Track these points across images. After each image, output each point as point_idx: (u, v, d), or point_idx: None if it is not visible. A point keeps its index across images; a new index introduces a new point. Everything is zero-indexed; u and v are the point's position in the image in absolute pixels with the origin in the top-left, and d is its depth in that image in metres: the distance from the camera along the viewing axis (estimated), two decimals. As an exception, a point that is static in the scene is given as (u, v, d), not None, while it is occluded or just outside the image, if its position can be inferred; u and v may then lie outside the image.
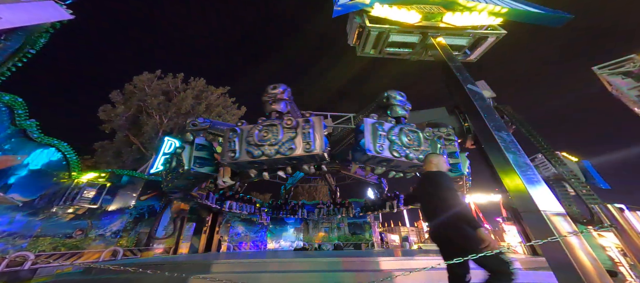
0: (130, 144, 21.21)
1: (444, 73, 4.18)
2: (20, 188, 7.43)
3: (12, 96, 6.79)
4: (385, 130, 3.91)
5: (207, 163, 4.43)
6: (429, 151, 3.90)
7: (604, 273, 2.27)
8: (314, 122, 3.96)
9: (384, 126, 3.92)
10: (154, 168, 12.89)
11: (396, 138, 3.94)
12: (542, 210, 2.67)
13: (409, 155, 3.86)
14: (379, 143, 3.76)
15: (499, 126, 3.20)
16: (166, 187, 5.05)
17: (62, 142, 8.38)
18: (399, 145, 3.86)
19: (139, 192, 10.63)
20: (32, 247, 7.42)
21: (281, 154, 3.83)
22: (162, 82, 23.49)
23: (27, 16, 3.95)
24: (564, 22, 4.34)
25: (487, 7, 4.58)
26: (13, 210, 7.27)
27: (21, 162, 7.43)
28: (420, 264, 4.04)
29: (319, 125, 3.94)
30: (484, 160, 4.43)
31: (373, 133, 3.86)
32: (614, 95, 5.99)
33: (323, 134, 3.89)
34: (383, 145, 3.78)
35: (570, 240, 2.45)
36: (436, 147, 4.10)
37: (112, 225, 9.41)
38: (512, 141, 3.09)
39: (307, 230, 16.14)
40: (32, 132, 7.42)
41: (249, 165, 4.18)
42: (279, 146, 3.85)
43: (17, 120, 7.02)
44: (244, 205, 12.82)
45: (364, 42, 4.70)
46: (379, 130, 3.85)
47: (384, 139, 3.85)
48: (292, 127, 3.97)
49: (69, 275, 5.91)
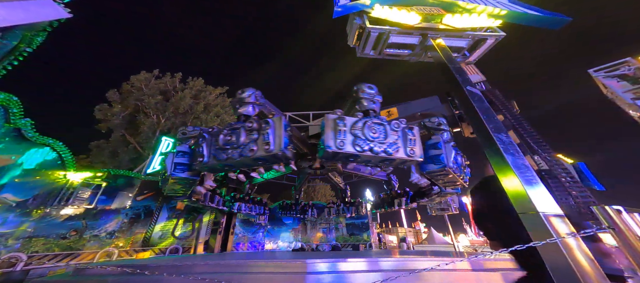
0: (126, 144, 21.02)
1: (443, 74, 4.21)
2: (14, 188, 7.31)
3: (6, 95, 6.69)
4: (346, 125, 3.87)
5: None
6: (398, 144, 3.88)
7: (603, 275, 2.29)
8: (274, 123, 4.04)
9: (346, 121, 3.89)
10: (151, 168, 12.78)
11: (359, 132, 3.87)
12: (540, 212, 2.69)
13: (373, 149, 3.80)
14: (339, 139, 3.73)
15: (498, 128, 3.22)
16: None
17: (57, 141, 8.26)
18: (363, 139, 3.81)
19: (135, 192, 10.52)
20: (25, 248, 7.30)
21: (244, 156, 3.93)
22: (160, 82, 23.33)
23: (25, 14, 3.89)
24: (562, 25, 4.40)
25: (486, 9, 4.62)
26: (6, 210, 7.15)
27: (15, 162, 7.31)
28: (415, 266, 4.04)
29: (279, 126, 4.00)
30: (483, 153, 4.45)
31: (333, 129, 3.83)
32: (609, 97, 6.08)
33: (283, 135, 3.94)
34: (344, 140, 3.74)
35: (568, 241, 2.47)
36: (407, 138, 4.08)
37: (108, 225, 9.30)
38: (510, 143, 3.11)
39: (305, 230, 16.11)
40: (26, 131, 7.30)
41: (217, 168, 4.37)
42: (241, 149, 3.96)
43: (11, 119, 6.90)
44: (253, 206, 13.12)
45: (364, 43, 4.72)
46: (339, 125, 3.82)
47: (345, 134, 3.81)
48: (253, 129, 4.08)
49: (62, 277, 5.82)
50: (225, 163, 4.39)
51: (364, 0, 4.61)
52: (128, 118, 21.46)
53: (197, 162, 4.23)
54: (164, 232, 11.07)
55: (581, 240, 2.52)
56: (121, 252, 9.28)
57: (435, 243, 29.38)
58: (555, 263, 2.49)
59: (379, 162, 4.13)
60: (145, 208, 10.71)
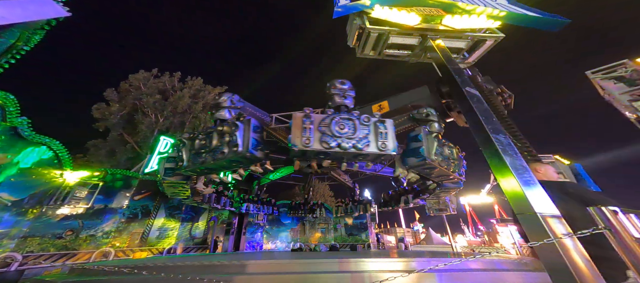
0: (124, 143, 20.88)
1: (442, 75, 4.22)
2: (9, 188, 7.23)
3: (3, 93, 6.62)
4: (314, 122, 3.89)
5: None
6: (368, 139, 3.84)
7: (598, 275, 2.30)
8: (242, 125, 4.21)
9: (312, 118, 3.90)
10: (149, 168, 12.70)
11: (327, 129, 3.87)
12: (538, 212, 2.71)
13: (342, 145, 3.79)
14: (305, 137, 3.73)
15: (497, 129, 3.23)
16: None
17: (54, 140, 8.18)
18: (329, 135, 3.80)
19: (132, 191, 10.45)
20: (20, 248, 7.22)
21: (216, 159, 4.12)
22: (159, 81, 23.22)
23: (23, 12, 3.86)
24: (561, 27, 4.43)
25: (485, 10, 4.64)
26: (1, 209, 7.07)
27: (11, 161, 7.23)
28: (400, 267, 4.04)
29: (247, 128, 4.16)
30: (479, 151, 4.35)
31: (300, 127, 3.84)
32: (606, 99, 6.13)
33: (251, 136, 4.10)
34: (310, 137, 3.74)
35: (565, 242, 2.49)
36: (378, 131, 3.99)
37: (104, 225, 9.23)
38: (509, 144, 3.13)
39: (303, 231, 16.09)
40: (23, 130, 7.23)
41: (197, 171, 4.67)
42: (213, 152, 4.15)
43: (8, 117, 6.83)
44: (262, 207, 13.49)
45: (363, 44, 4.72)
46: (305, 123, 3.84)
47: (311, 131, 3.81)
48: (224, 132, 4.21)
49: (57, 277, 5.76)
50: (202, 166, 4.45)
51: (364, 1, 4.62)
52: (126, 117, 21.32)
53: (178, 165, 4.44)
54: (162, 232, 11.00)
55: (578, 240, 2.54)
56: (118, 251, 9.21)
57: (433, 244, 29.45)
58: (552, 263, 2.51)
59: (352, 157, 4.06)
60: (142, 207, 10.64)
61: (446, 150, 4.33)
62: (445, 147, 4.33)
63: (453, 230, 17.30)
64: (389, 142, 3.87)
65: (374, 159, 4.22)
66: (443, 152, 4.25)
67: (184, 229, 11.90)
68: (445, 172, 4.28)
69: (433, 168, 4.14)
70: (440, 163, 4.11)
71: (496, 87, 4.79)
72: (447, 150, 4.35)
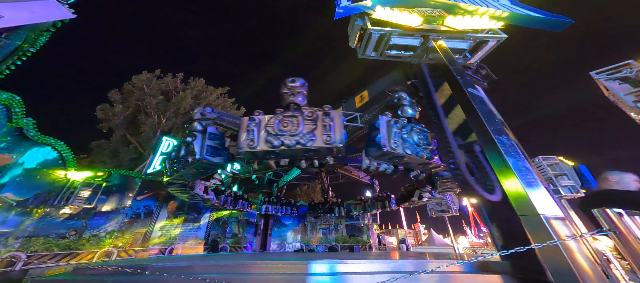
0: (127, 144, 21.04)
1: (444, 76, 4.21)
2: (14, 188, 7.31)
3: (9, 94, 6.71)
4: (260, 123, 4.06)
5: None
6: (314, 133, 3.89)
7: (602, 278, 2.28)
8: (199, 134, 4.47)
9: (257, 119, 4.07)
10: (151, 168, 12.79)
11: (407, 136, 4.00)
12: (541, 214, 2.69)
13: (285, 142, 3.92)
14: (249, 139, 3.88)
15: (500, 130, 3.22)
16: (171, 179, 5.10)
17: (58, 141, 8.27)
18: (273, 135, 3.94)
19: (135, 191, 10.52)
20: (24, 247, 7.30)
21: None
22: (162, 82, 23.39)
23: (29, 15, 3.92)
24: (564, 27, 4.40)
25: (488, 11, 4.62)
26: (6, 209, 7.15)
27: (16, 161, 7.32)
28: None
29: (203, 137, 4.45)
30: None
31: (245, 130, 3.98)
32: (611, 100, 6.06)
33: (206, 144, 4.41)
34: (254, 139, 3.91)
35: (569, 244, 2.47)
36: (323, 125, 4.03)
37: (107, 225, 9.29)
38: (512, 145, 3.11)
39: (304, 231, 16.08)
40: (28, 130, 7.32)
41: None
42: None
43: (13, 118, 6.92)
44: (281, 207, 13.85)
45: (365, 45, 4.72)
46: (249, 125, 3.97)
47: (255, 133, 3.95)
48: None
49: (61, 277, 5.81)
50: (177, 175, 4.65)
51: (366, 2, 4.62)
52: (129, 118, 21.50)
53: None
54: (164, 232, 11.06)
55: (582, 242, 2.52)
56: (120, 251, 9.27)
57: (435, 245, 29.29)
58: (556, 265, 2.49)
59: (302, 154, 4.05)
60: (145, 207, 10.71)
61: (414, 135, 4.06)
62: (413, 133, 4.08)
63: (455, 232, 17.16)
64: (336, 134, 3.87)
65: (326, 154, 4.15)
66: (410, 138, 4.01)
67: (186, 229, 11.95)
68: (417, 160, 4.01)
69: (398, 156, 3.93)
70: (406, 151, 3.88)
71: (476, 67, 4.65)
72: (415, 135, 4.08)
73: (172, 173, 4.85)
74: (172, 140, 14.55)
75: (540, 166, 8.52)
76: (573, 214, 7.29)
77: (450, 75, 4.07)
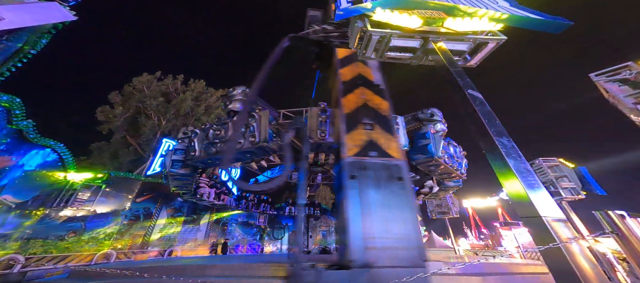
0: (127, 145, 21.02)
1: (444, 78, 4.21)
2: (14, 190, 7.30)
3: (10, 96, 6.71)
4: (204, 133, 4.52)
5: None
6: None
7: (606, 281, 2.26)
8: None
9: (198, 131, 4.59)
10: (151, 170, 12.77)
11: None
12: (543, 216, 2.67)
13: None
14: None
15: (500, 132, 3.21)
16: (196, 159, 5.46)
17: (58, 143, 8.27)
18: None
19: (135, 193, 10.50)
20: (23, 250, 7.26)
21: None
22: (162, 84, 23.42)
23: (30, 17, 3.93)
24: (563, 29, 4.41)
25: (487, 13, 4.64)
26: (5, 211, 7.12)
27: (16, 163, 7.31)
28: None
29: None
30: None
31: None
32: (610, 102, 6.07)
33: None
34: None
35: (571, 246, 2.45)
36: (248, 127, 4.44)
37: (107, 227, 9.26)
38: (513, 147, 3.10)
39: (305, 233, 16.02)
40: (28, 132, 7.31)
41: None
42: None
43: (13, 120, 6.92)
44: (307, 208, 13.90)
45: (365, 46, 4.72)
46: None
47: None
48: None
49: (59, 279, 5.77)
50: (215, 156, 4.69)
51: (366, 4, 4.64)
52: (129, 120, 21.50)
53: (190, 156, 4.58)
54: (163, 234, 11.01)
55: (584, 245, 2.50)
56: (120, 253, 9.22)
57: (435, 247, 29.14)
58: (558, 268, 2.46)
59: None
60: (144, 209, 10.67)
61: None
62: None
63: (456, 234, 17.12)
64: (260, 133, 4.19)
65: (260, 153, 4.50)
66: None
67: (185, 231, 11.90)
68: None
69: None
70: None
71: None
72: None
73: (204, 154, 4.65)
74: (172, 142, 14.53)
75: (541, 168, 8.50)
76: (574, 216, 7.25)
77: (450, 77, 4.08)
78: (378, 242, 3.37)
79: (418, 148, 4.46)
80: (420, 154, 4.37)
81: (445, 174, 4.86)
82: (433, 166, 4.54)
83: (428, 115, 5.09)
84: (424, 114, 5.14)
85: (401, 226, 3.51)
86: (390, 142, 4.46)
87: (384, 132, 4.60)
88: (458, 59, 4.92)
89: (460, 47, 4.83)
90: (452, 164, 4.52)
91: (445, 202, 11.86)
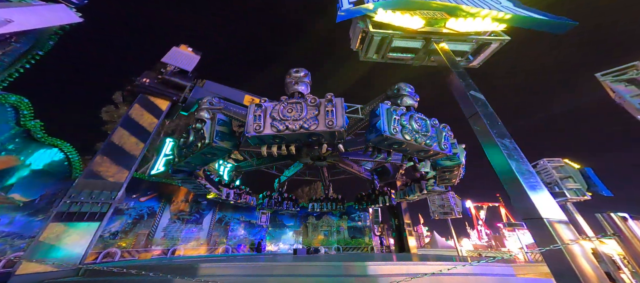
0: (131, 145, 21.24)
1: (446, 79, 4.20)
2: (22, 189, 7.44)
3: (18, 97, 6.84)
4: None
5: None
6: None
7: (607, 281, 2.26)
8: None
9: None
10: (155, 170, 12.90)
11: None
12: (545, 218, 2.67)
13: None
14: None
15: (502, 133, 3.20)
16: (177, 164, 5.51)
17: (65, 142, 8.41)
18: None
19: (138, 193, 10.62)
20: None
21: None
22: (165, 84, 23.60)
23: (38, 19, 4.01)
24: (567, 29, 4.36)
25: (490, 13, 4.61)
26: (13, 210, 7.27)
27: (24, 162, 7.45)
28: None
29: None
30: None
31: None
32: (617, 102, 5.98)
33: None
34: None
35: (572, 247, 2.44)
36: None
37: (111, 226, 9.39)
38: (514, 148, 3.10)
39: (306, 233, 16.07)
40: (36, 132, 7.45)
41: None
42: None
43: (22, 120, 7.05)
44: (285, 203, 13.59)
45: (367, 47, 4.73)
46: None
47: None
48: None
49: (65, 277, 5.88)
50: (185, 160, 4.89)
51: (367, 5, 4.64)
52: (133, 119, 21.70)
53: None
54: (167, 233, 11.13)
55: (585, 246, 2.49)
56: (124, 252, 9.36)
57: (438, 247, 29.00)
58: (559, 269, 2.46)
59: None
60: (148, 209, 10.80)
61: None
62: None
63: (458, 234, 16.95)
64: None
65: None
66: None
67: (188, 230, 12.02)
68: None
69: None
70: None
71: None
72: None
73: (180, 159, 5.12)
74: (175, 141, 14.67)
75: (545, 168, 8.41)
76: (580, 217, 7.16)
77: (452, 78, 4.07)
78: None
79: (371, 127, 4.31)
80: (373, 133, 4.22)
81: (421, 152, 4.52)
82: (391, 144, 4.28)
83: (394, 91, 4.87)
84: (391, 91, 4.94)
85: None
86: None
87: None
88: (460, 59, 4.90)
89: (463, 48, 4.81)
90: (419, 140, 4.22)
91: (448, 203, 11.80)
